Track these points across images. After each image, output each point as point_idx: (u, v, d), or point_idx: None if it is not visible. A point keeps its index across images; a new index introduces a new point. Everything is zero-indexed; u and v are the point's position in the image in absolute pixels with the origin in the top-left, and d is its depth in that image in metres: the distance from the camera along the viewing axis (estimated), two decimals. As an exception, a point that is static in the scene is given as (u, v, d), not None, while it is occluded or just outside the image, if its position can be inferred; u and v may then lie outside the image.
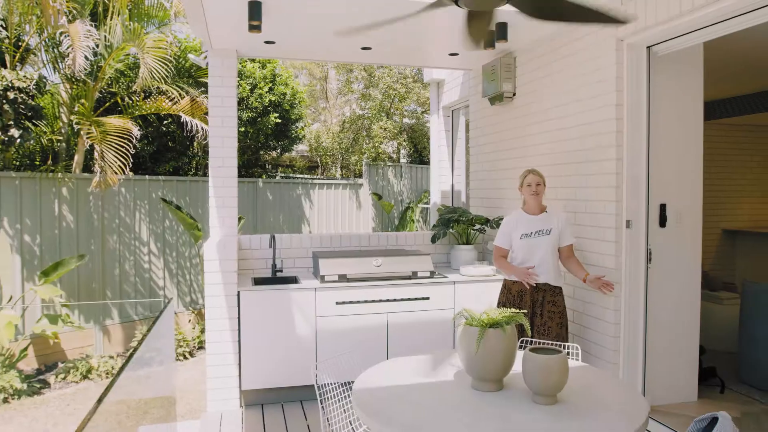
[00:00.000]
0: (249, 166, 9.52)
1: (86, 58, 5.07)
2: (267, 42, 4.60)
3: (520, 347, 3.19)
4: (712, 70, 4.05)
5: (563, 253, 3.55)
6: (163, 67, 5.59)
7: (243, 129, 7.62)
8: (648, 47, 3.55)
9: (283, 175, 11.49)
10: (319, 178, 10.18)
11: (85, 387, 5.81)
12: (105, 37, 6.22)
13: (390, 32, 4.26)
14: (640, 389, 3.61)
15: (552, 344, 3.16)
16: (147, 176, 7.17)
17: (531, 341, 3.23)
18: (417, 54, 4.98)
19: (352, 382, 2.54)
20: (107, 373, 5.99)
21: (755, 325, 4.27)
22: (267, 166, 12.02)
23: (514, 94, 4.74)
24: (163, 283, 7.41)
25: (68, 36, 4.83)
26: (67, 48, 4.86)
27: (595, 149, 3.73)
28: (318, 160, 12.34)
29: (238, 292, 4.18)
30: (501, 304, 3.64)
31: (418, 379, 2.54)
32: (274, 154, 9.62)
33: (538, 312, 3.51)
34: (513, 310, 2.41)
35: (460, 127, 6.51)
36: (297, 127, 8.78)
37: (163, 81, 5.65)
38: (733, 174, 7.13)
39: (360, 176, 11.43)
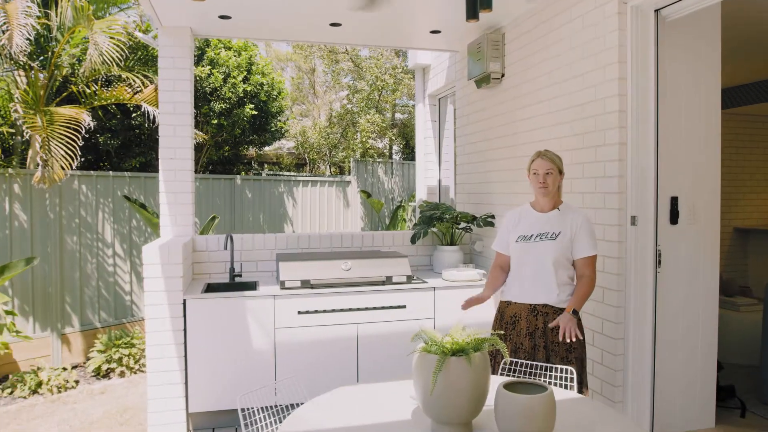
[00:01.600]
0: (229, 162, 8.99)
1: (28, 39, 4.53)
2: (222, 17, 4.06)
3: (504, 372, 2.63)
4: (722, 55, 3.52)
5: (577, 268, 2.67)
6: (116, 51, 5.05)
7: (216, 121, 7.09)
8: (656, 11, 2.99)
9: (269, 172, 10.96)
10: (303, 176, 9.64)
11: (32, 403, 5.28)
12: (59, 20, 5.68)
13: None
14: (648, 416, 3.05)
15: (535, 373, 2.58)
16: (111, 172, 6.63)
17: (510, 367, 2.64)
18: (394, 32, 4.43)
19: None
20: (59, 388, 5.46)
21: (780, 337, 3.71)
22: (253, 163, 11.49)
23: (503, 75, 4.19)
24: (129, 287, 6.87)
25: (5, 13, 4.31)
26: (2, 25, 4.34)
27: (594, 133, 3.17)
28: (306, 157, 11.80)
29: (184, 300, 3.64)
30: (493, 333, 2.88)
31: (365, 418, 1.99)
32: (253, 149, 9.08)
33: (540, 345, 2.62)
34: (486, 331, 1.85)
35: (447, 116, 5.95)
36: (278, 121, 8.23)
37: (115, 64, 5.11)
38: (745, 168, 6.58)
39: (348, 173, 10.89)
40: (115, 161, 7.07)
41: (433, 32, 4.42)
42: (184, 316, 3.65)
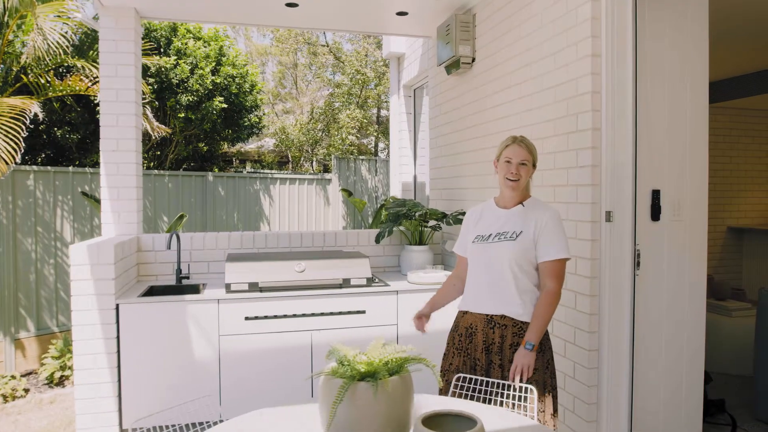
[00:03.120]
0: (206, 159, 8.63)
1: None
2: (167, -5, 3.72)
3: (457, 391, 2.27)
4: (711, 40, 3.18)
5: (539, 275, 2.25)
6: (64, 37, 4.71)
7: (183, 115, 6.73)
8: (634, -21, 2.65)
9: (250, 170, 10.60)
10: (280, 173, 9.29)
11: (-27, 415, 4.92)
12: (8, 4, 5.33)
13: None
14: (626, 436, 2.71)
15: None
16: (70, 168, 6.28)
17: (465, 385, 2.28)
18: (357, 14, 4.09)
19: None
20: (6, 397, 5.09)
21: (775, 346, 3.37)
22: (234, 161, 11.14)
23: (474, 60, 3.85)
24: (90, 289, 6.50)
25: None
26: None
27: (566, 118, 2.83)
28: (288, 154, 11.43)
29: (117, 305, 3.29)
30: (448, 345, 2.41)
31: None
32: (227, 145, 8.72)
33: (496, 362, 2.21)
34: (408, 349, 1.51)
35: (424, 108, 5.61)
36: (253, 116, 7.86)
37: (62, 51, 4.77)
38: (740, 165, 6.25)
39: (329, 171, 10.54)
40: (76, 156, 6.71)
41: (399, 14, 4.08)
42: (117, 322, 3.30)
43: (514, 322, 2.21)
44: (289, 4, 3.85)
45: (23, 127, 4.66)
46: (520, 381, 2.09)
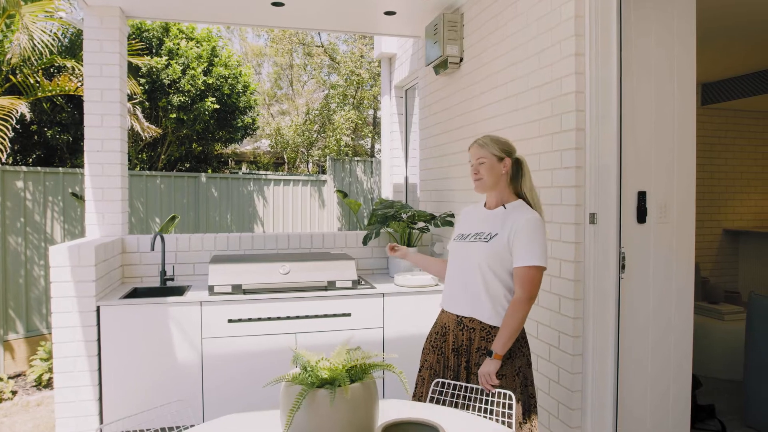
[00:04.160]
0: (201, 160, 8.60)
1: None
2: (151, -6, 3.68)
3: (435, 395, 2.22)
4: (707, 45, 3.11)
5: (513, 280, 2.15)
6: (52, 36, 4.68)
7: (175, 115, 6.69)
8: (619, -23, 2.61)
9: (245, 171, 10.55)
10: (274, 174, 9.25)
11: (-42, 418, 4.87)
12: (0, 6, 5.29)
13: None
14: (611, 442, 2.66)
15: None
16: (61, 169, 6.24)
17: (443, 390, 2.23)
18: (344, 13, 4.05)
19: None
20: (-8, 400, 5.04)
21: (766, 352, 3.31)
22: (230, 162, 11.10)
23: (462, 59, 3.80)
24: (81, 291, 6.45)
25: None
26: None
27: (550, 118, 2.79)
28: (284, 155, 11.39)
29: (98, 307, 3.25)
30: (426, 341, 2.38)
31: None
32: (221, 146, 8.68)
33: (463, 364, 2.17)
34: (371, 355, 1.46)
35: (415, 109, 5.57)
36: (247, 117, 7.82)
37: (48, 51, 4.74)
38: (736, 167, 6.21)
39: (325, 172, 10.50)
40: (67, 157, 6.67)
41: (387, 13, 4.04)
42: (98, 325, 3.26)
43: (482, 325, 2.16)
44: (275, 3, 3.81)
45: (9, 127, 4.63)
46: (493, 387, 2.05)
